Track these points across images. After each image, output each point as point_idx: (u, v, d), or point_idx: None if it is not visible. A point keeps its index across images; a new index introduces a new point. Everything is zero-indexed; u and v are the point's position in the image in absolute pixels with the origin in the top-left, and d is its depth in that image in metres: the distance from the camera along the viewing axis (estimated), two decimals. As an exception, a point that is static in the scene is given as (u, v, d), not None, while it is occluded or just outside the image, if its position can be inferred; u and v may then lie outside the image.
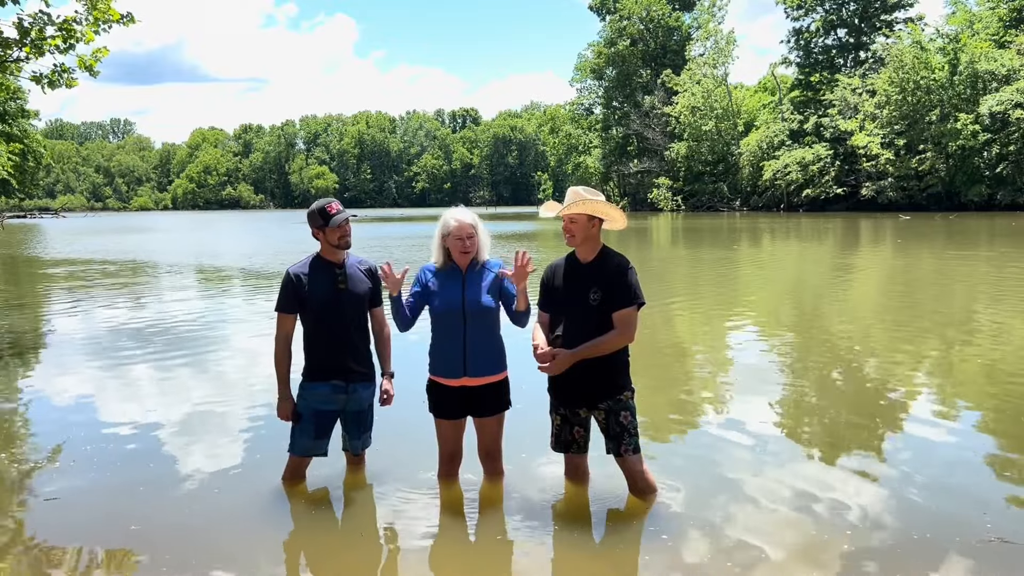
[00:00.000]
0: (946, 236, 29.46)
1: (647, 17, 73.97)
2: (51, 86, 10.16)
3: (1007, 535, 3.82)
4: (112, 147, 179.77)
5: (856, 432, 5.65)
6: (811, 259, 22.24)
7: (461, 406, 4.29)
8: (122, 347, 9.46)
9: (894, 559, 3.63)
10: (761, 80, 77.06)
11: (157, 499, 4.53)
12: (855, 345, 8.99)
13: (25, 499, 4.65)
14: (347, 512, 4.37)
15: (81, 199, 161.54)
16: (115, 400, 6.94)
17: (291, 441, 4.49)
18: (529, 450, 4.97)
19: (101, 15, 9.67)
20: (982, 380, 7.31)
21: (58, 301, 14.76)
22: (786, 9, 64.77)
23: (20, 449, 5.64)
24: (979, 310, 11.67)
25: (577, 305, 4.09)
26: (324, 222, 4.34)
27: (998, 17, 53.53)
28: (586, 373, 4.06)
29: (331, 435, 4.52)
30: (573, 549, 3.87)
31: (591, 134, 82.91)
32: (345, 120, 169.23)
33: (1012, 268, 17.31)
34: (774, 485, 4.55)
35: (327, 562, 3.82)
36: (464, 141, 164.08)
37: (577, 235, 4.09)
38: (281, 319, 4.42)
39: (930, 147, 50.20)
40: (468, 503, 4.39)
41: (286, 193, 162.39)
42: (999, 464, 4.95)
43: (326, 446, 4.49)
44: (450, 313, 4.18)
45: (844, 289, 15.12)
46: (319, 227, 4.38)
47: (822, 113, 59.51)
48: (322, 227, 4.36)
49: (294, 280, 4.36)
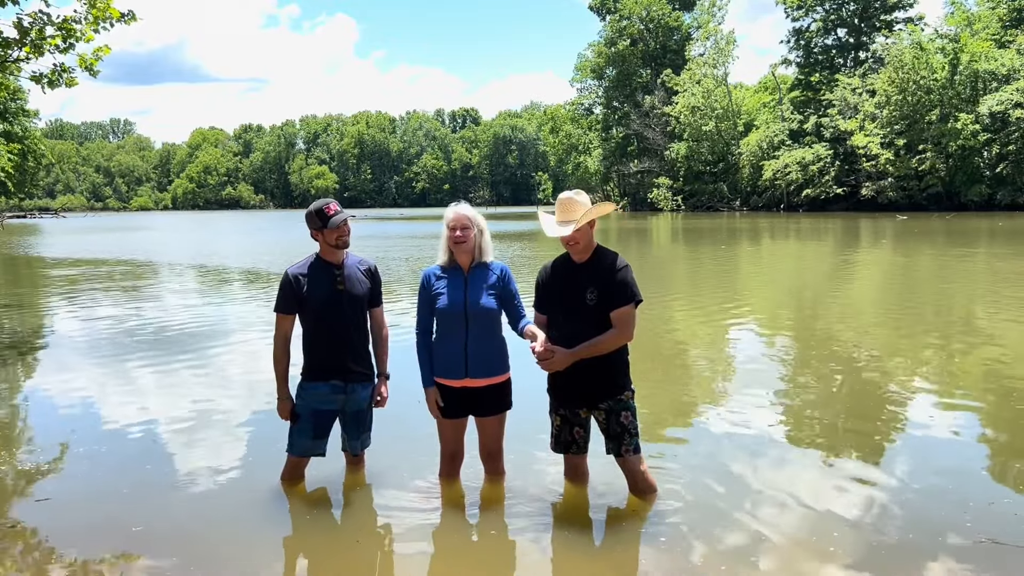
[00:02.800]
0: (932, 236, 29.46)
1: (647, 17, 73.97)
2: (51, 86, 10.16)
3: (998, 536, 3.81)
4: (112, 147, 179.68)
5: (855, 432, 5.64)
6: (810, 258, 22.24)
7: (462, 406, 4.29)
8: (122, 347, 9.46)
9: (894, 559, 3.63)
10: (761, 80, 77.08)
11: (157, 500, 4.53)
12: (854, 344, 8.98)
13: (25, 500, 4.64)
14: (347, 512, 4.36)
15: (81, 199, 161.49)
16: (115, 400, 6.93)
17: (289, 441, 4.49)
18: (529, 450, 4.97)
19: (100, 14, 9.66)
20: (981, 379, 7.31)
21: (58, 301, 14.75)
22: (786, 9, 64.80)
23: (20, 450, 5.63)
24: (961, 305, 11.67)
25: (574, 306, 4.08)
26: (322, 223, 4.35)
27: (998, 17, 53.56)
28: (586, 373, 4.05)
29: (330, 435, 4.52)
30: (573, 549, 3.87)
31: (591, 134, 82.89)
32: (345, 120, 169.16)
33: (1000, 265, 17.31)
34: (774, 485, 4.55)
35: (327, 562, 3.81)
36: (464, 141, 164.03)
37: (582, 242, 4.08)
38: (280, 319, 4.42)
39: (930, 147, 50.20)
40: (469, 503, 4.39)
41: (286, 193, 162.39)
42: (998, 464, 4.95)
43: (324, 446, 4.49)
44: (452, 314, 4.18)
45: (841, 288, 15.11)
46: (317, 228, 4.38)
47: (822, 113, 59.53)
48: (320, 228, 4.36)
49: (292, 281, 4.37)
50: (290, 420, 4.44)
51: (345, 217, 4.36)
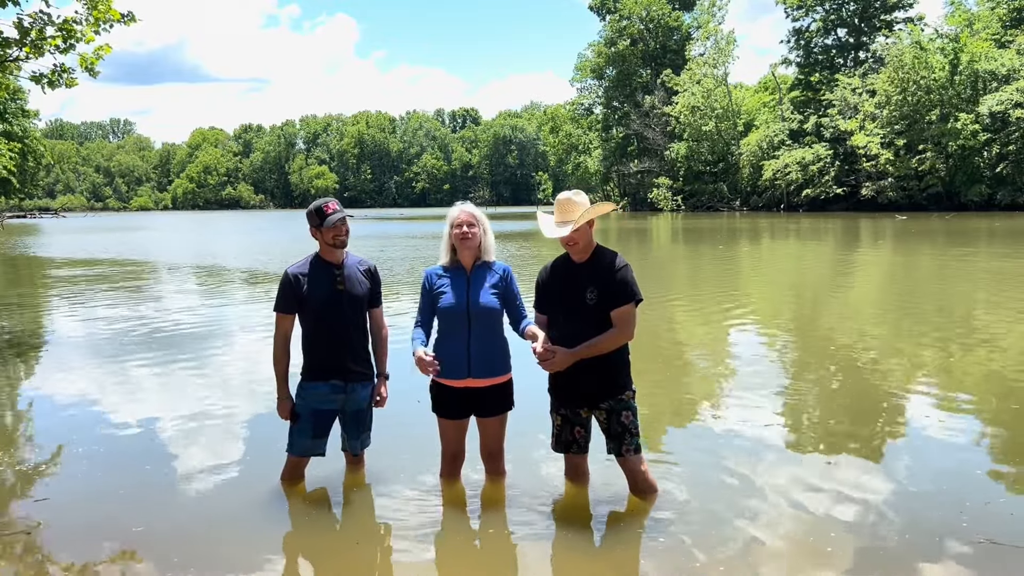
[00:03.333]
0: (931, 236, 29.46)
1: (647, 17, 73.97)
2: (51, 86, 10.15)
3: (996, 537, 3.81)
4: (112, 147, 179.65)
5: (854, 433, 5.64)
6: (810, 258, 22.24)
7: (464, 406, 4.29)
8: (122, 347, 9.45)
9: (892, 560, 3.63)
10: (761, 80, 77.05)
11: (157, 500, 4.53)
12: (853, 344, 8.98)
13: (25, 500, 4.64)
14: (347, 512, 4.36)
15: (81, 199, 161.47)
16: (115, 400, 6.93)
17: (289, 441, 4.49)
18: (530, 450, 4.97)
19: (101, 15, 9.66)
20: (980, 380, 7.31)
21: (58, 301, 14.75)
22: (786, 9, 64.79)
23: (20, 450, 5.63)
24: (961, 305, 11.67)
25: (574, 305, 4.08)
26: (320, 221, 4.36)
27: (998, 17, 53.56)
28: (587, 373, 4.05)
29: (329, 435, 4.52)
30: (573, 549, 3.87)
31: (591, 134, 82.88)
32: (345, 120, 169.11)
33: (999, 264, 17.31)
34: (774, 486, 4.55)
35: (327, 562, 3.81)
36: (464, 141, 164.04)
37: (581, 242, 4.08)
38: (279, 319, 4.43)
39: (930, 147, 50.19)
40: (470, 503, 4.39)
41: (286, 193, 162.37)
42: (997, 465, 4.95)
43: (324, 446, 4.49)
44: (454, 313, 4.17)
45: (840, 288, 15.11)
46: (316, 226, 4.40)
47: (822, 113, 59.51)
48: (318, 226, 4.38)
49: (292, 280, 4.37)
50: (290, 420, 4.44)
51: (342, 216, 4.36)
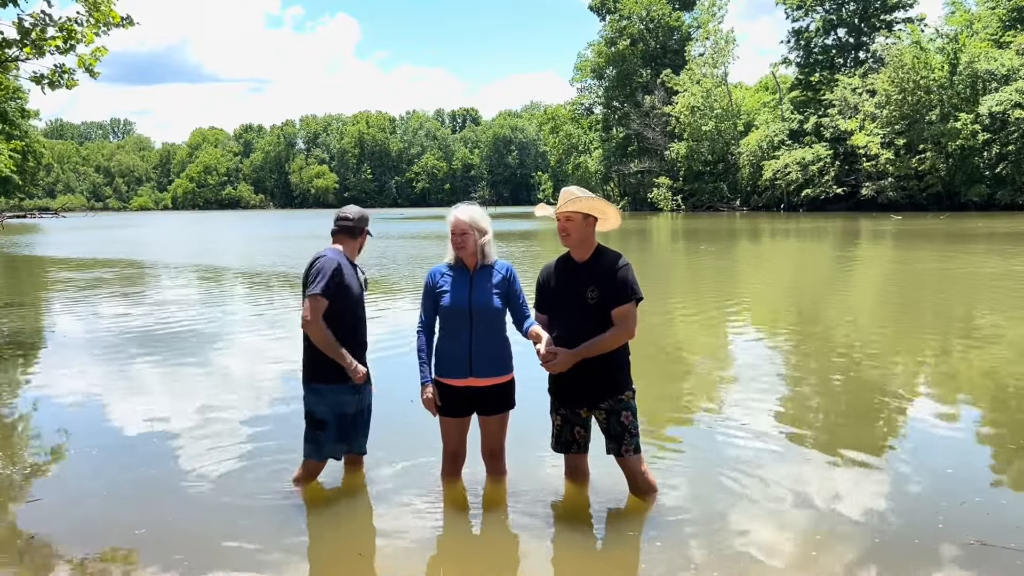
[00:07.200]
0: (931, 235, 29.46)
1: (647, 17, 73.97)
2: (51, 86, 10.18)
3: (993, 537, 3.81)
4: (112, 147, 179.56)
5: (855, 432, 5.65)
6: (810, 258, 22.25)
7: (465, 405, 4.30)
8: (123, 347, 9.45)
9: (892, 560, 3.63)
10: (761, 80, 77.08)
11: (157, 500, 4.53)
12: (853, 343, 8.99)
13: (25, 500, 4.65)
14: (347, 512, 4.36)
15: (81, 199, 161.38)
16: (116, 400, 6.94)
17: (313, 446, 4.42)
18: (531, 450, 4.97)
19: (102, 17, 9.67)
20: (980, 379, 7.31)
21: (58, 301, 14.76)
22: (786, 9, 64.81)
23: (20, 450, 5.64)
24: (960, 305, 11.68)
25: (575, 305, 4.09)
26: (366, 228, 4.59)
27: (998, 17, 53.56)
28: (587, 373, 4.06)
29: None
30: (573, 549, 3.88)
31: (591, 134, 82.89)
32: (345, 120, 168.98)
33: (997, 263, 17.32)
34: (774, 485, 4.55)
35: (327, 562, 3.82)
36: (464, 141, 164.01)
37: (573, 234, 4.09)
38: (319, 303, 4.24)
39: (930, 147, 50.21)
40: (470, 502, 4.40)
41: (286, 193, 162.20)
42: (996, 465, 4.95)
43: (345, 449, 4.53)
44: (456, 312, 4.19)
45: (840, 287, 15.12)
46: (364, 230, 4.57)
47: (822, 113, 59.52)
48: (364, 231, 4.58)
49: (342, 269, 4.36)
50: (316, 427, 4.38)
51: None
